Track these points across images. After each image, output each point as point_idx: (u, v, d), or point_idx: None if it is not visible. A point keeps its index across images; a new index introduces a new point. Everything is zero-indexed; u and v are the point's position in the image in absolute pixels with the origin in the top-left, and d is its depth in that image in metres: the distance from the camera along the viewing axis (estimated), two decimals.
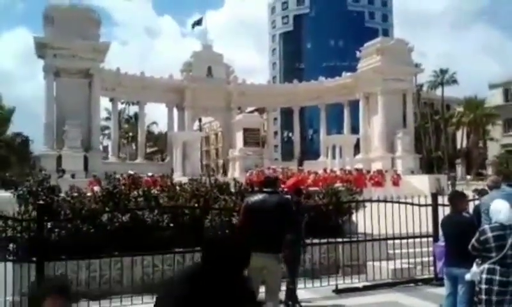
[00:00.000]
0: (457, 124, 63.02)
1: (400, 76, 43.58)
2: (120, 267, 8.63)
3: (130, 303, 7.91)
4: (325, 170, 29.81)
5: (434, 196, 9.62)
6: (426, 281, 9.66)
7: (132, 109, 69.06)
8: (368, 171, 34.41)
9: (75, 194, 9.88)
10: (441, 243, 6.66)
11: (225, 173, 44.11)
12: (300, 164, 43.45)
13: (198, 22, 52.98)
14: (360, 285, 9.28)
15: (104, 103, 47.86)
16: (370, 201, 9.63)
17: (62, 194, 9.79)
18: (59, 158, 35.13)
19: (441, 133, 65.20)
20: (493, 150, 61.72)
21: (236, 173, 36.44)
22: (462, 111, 62.89)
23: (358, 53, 47.27)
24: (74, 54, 36.72)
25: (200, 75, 47.25)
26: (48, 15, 37.53)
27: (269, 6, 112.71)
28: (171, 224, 9.47)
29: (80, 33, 36.70)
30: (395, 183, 30.12)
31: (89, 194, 10.40)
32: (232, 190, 11.02)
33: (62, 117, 36.57)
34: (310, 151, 58.93)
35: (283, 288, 7.43)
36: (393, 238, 9.71)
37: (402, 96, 44.61)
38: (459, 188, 32.73)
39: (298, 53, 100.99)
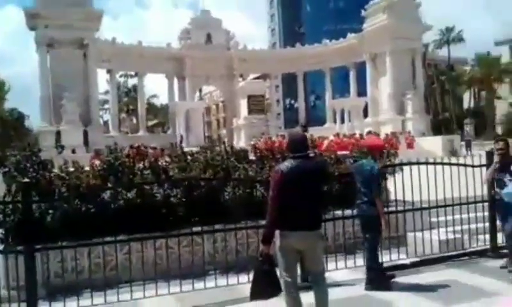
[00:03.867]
0: (469, 82, 60.70)
1: (409, 34, 41.82)
2: (127, 251, 7.36)
3: (142, 294, 6.60)
4: (337, 135, 28.39)
5: (490, 155, 8.22)
6: (481, 253, 8.38)
7: (131, 82, 67.35)
8: (378, 134, 33.06)
9: (71, 169, 8.53)
10: None
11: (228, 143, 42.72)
12: (305, 130, 41.87)
13: None
14: (408, 261, 7.99)
15: (103, 76, 46.32)
16: (418, 163, 8.20)
17: (55, 170, 8.44)
18: (58, 133, 33.82)
19: (447, 94, 63.37)
20: (502, 109, 60.02)
21: (241, 143, 35.05)
22: (474, 69, 60.62)
23: (362, 12, 45.37)
24: (66, 22, 34.90)
25: (198, 42, 45.60)
26: None
27: None
28: (184, 199, 8.19)
29: (72, 2, 34.97)
30: (410, 145, 28.79)
31: (87, 168, 9.04)
32: (252, 157, 9.67)
33: (58, 91, 35.09)
34: (314, 118, 57.22)
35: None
36: (445, 206, 8.39)
37: (410, 56, 42.92)
38: (474, 149, 31.47)
39: (298, 17, 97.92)
